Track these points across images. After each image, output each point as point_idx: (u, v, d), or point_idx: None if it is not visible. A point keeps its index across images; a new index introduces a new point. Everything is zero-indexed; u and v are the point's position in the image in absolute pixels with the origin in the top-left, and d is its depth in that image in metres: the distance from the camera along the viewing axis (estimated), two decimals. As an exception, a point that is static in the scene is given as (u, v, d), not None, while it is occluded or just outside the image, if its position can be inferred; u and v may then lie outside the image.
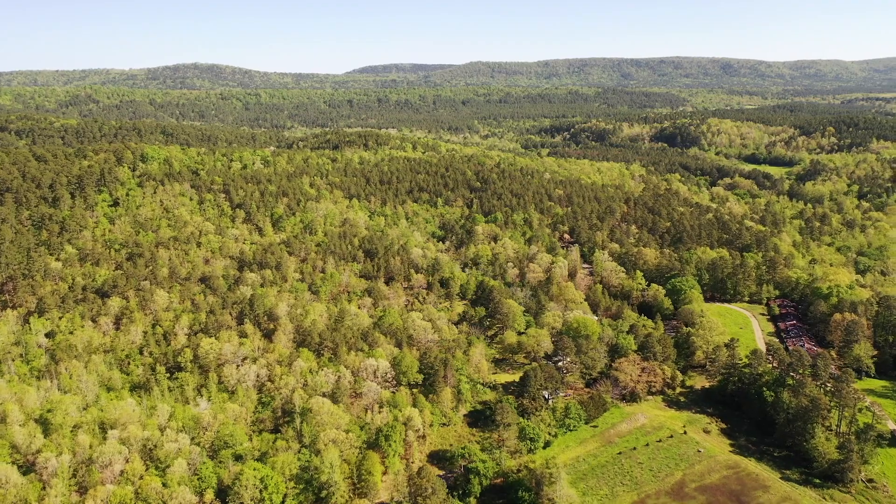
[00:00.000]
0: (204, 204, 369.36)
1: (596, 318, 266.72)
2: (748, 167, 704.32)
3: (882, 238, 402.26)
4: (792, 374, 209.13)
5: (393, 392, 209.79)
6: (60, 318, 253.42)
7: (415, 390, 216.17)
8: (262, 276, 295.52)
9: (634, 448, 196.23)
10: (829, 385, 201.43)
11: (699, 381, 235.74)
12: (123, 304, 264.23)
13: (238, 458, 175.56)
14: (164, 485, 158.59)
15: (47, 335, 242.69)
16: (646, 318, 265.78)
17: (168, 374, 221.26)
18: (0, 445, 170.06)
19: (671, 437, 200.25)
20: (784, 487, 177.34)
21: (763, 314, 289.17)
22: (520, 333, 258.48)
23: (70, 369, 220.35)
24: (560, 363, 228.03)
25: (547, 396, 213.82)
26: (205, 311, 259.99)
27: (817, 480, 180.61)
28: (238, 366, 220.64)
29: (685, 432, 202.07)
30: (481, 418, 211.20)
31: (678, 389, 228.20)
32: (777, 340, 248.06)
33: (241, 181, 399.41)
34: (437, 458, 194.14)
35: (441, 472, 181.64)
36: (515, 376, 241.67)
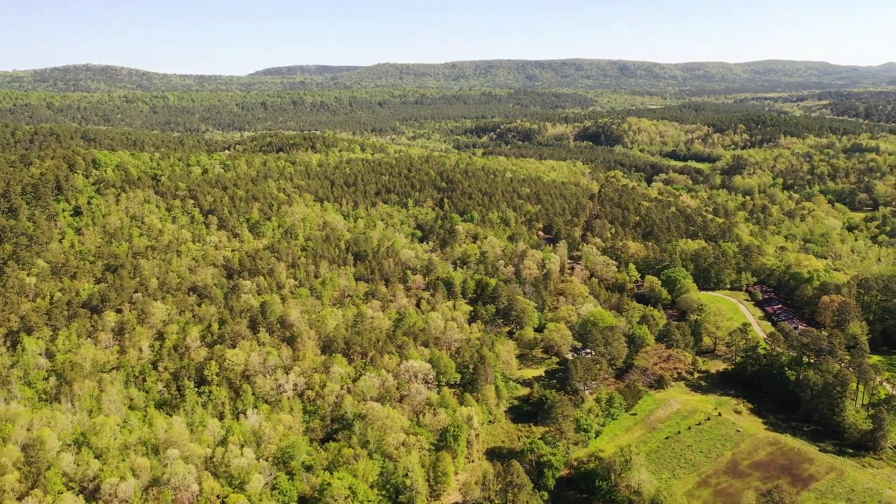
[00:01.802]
0: (173, 211, 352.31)
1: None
2: (678, 163, 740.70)
3: (822, 226, 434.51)
4: (807, 353, 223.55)
5: (438, 393, 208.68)
6: (54, 337, 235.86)
7: (455, 390, 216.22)
8: (257, 283, 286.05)
9: (679, 432, 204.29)
10: (844, 362, 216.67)
11: (713, 366, 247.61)
12: (120, 318, 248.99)
13: (308, 468, 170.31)
14: (250, 500, 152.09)
15: (47, 355, 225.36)
16: (651, 308, 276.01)
17: (196, 389, 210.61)
18: (53, 474, 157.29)
19: (708, 419, 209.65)
20: (826, 459, 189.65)
21: (747, 300, 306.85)
22: (536, 329, 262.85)
23: (84, 389, 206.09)
24: (589, 355, 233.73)
25: (583, 388, 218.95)
26: (212, 321, 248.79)
27: (850, 450, 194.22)
28: (268, 375, 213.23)
29: (719, 414, 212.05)
30: (529, 413, 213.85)
31: (696, 375, 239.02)
32: (786, 324, 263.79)
33: (206, 186, 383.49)
34: (493, 454, 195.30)
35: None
36: (539, 371, 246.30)
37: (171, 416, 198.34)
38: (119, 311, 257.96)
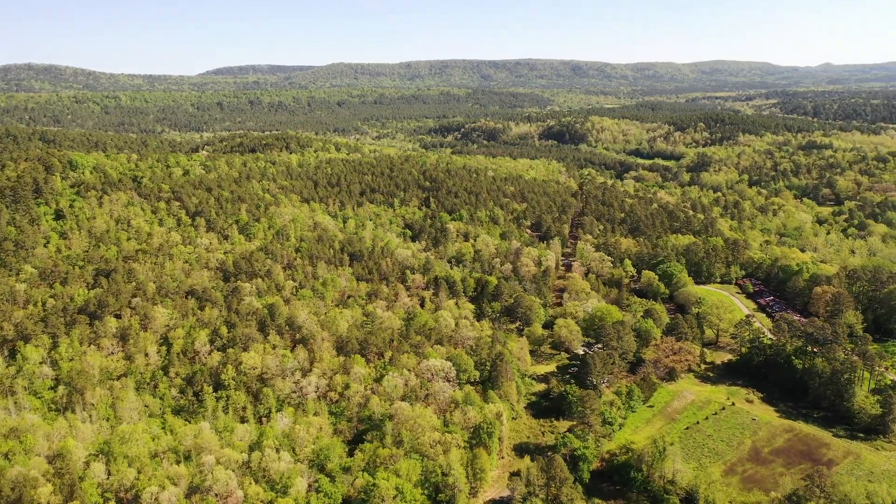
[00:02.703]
0: (158, 213, 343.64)
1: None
2: (646, 161, 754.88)
3: (794, 220, 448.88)
4: (810, 343, 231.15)
5: (460, 391, 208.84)
6: (55, 344, 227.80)
7: (475, 387, 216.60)
8: (256, 286, 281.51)
9: (697, 422, 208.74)
10: (847, 350, 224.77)
11: (717, 357, 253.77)
12: (120, 323, 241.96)
13: (346, 470, 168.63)
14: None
15: (50, 363, 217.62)
16: (652, 302, 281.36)
17: (214, 393, 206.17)
18: (89, 485, 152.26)
19: (723, 409, 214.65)
20: (841, 443, 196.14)
21: (739, 293, 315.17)
22: (543, 326, 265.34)
23: (97, 398, 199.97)
24: (599, 350, 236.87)
25: (602, 382, 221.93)
26: (218, 325, 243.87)
27: (861, 435, 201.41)
28: (287, 378, 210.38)
29: (733, 404, 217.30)
30: (549, 408, 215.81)
31: (703, 366, 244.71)
32: (788, 314, 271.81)
33: (189, 188, 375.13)
34: (521, 450, 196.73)
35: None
36: (551, 366, 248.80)
37: (189, 422, 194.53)
38: (118, 316, 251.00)
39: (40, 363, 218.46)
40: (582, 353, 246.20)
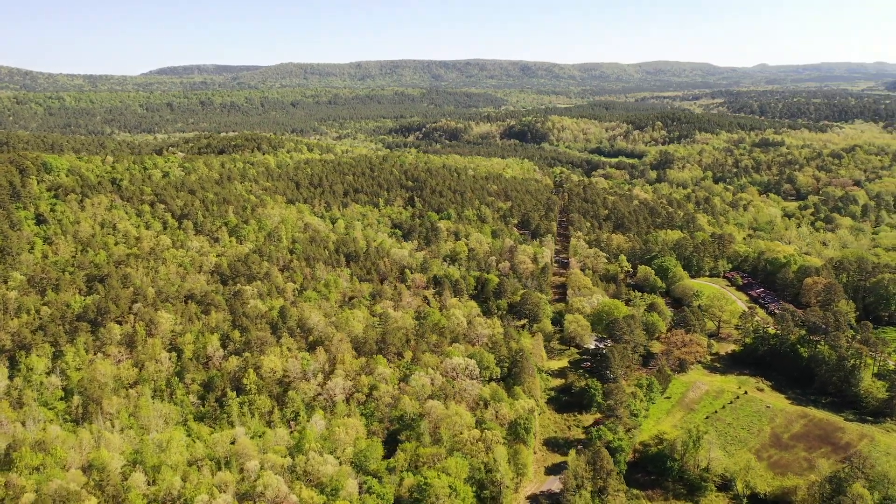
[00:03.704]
0: (143, 216, 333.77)
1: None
2: (612, 159, 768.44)
3: (765, 215, 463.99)
4: (814, 331, 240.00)
5: (487, 388, 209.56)
6: (57, 354, 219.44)
7: (498, 384, 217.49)
8: (257, 288, 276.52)
9: (716, 412, 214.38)
10: (849, 337, 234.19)
11: (720, 348, 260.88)
12: (124, 330, 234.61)
13: (391, 470, 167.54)
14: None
15: (62, 373, 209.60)
16: (653, 296, 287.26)
17: (236, 398, 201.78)
18: (134, 496, 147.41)
19: (737, 398, 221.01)
20: (854, 427, 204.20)
21: (728, 286, 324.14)
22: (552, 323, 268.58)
23: (114, 406, 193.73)
24: (608, 344, 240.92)
25: (621, 375, 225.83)
26: (227, 329, 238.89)
27: (870, 418, 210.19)
28: (311, 380, 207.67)
29: (745, 392, 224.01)
30: (569, 402, 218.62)
31: (709, 357, 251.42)
32: (789, 305, 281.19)
33: (172, 190, 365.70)
34: (552, 444, 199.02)
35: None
36: (563, 362, 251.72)
37: (214, 428, 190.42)
38: (119, 322, 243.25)
39: (47, 373, 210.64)
40: (594, 347, 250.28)
